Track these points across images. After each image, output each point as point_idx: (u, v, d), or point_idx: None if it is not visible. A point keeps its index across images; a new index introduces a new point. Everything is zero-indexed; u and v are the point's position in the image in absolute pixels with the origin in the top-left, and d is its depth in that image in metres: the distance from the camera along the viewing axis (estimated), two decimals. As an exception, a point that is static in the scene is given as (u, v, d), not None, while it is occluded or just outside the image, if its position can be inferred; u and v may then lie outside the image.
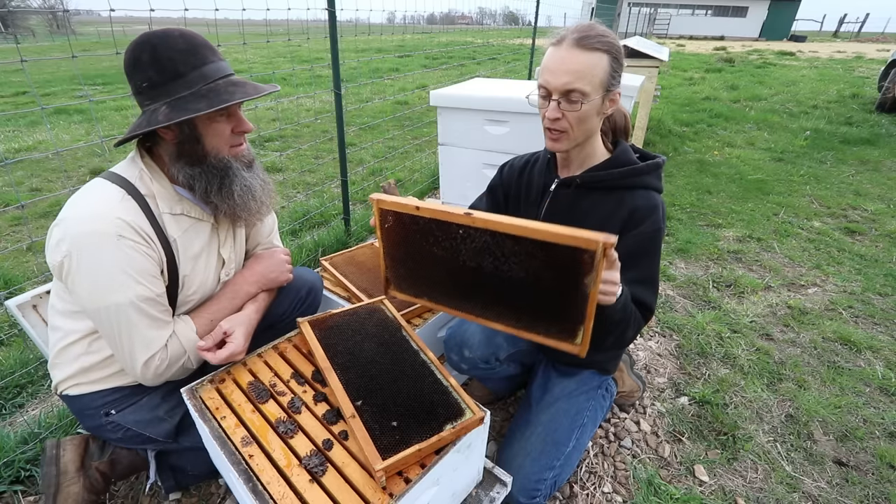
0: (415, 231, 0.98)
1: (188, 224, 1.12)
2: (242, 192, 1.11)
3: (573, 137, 1.09)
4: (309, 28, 3.14)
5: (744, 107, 7.15)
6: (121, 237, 0.97)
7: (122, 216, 0.98)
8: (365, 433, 0.88)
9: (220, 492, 1.37)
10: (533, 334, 0.91)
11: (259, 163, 1.21)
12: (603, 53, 1.01)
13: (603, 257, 0.78)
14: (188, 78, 0.98)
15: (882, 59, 13.25)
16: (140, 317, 1.01)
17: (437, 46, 12.03)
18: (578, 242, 0.79)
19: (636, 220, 1.11)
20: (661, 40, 21.86)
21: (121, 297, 0.98)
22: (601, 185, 1.16)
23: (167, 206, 1.07)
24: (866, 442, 1.59)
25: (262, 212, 1.18)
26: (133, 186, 1.03)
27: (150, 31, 0.98)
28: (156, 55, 0.96)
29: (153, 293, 1.03)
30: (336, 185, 3.74)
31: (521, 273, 0.88)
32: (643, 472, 1.47)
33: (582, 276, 0.81)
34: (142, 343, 1.03)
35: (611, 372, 1.39)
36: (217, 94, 0.99)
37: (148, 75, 0.97)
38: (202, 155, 1.05)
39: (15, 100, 7.41)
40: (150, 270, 1.02)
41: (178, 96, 0.98)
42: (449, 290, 1.01)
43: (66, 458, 1.21)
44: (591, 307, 0.82)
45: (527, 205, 1.30)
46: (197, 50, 1.00)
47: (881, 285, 2.53)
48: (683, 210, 3.48)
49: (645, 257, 1.13)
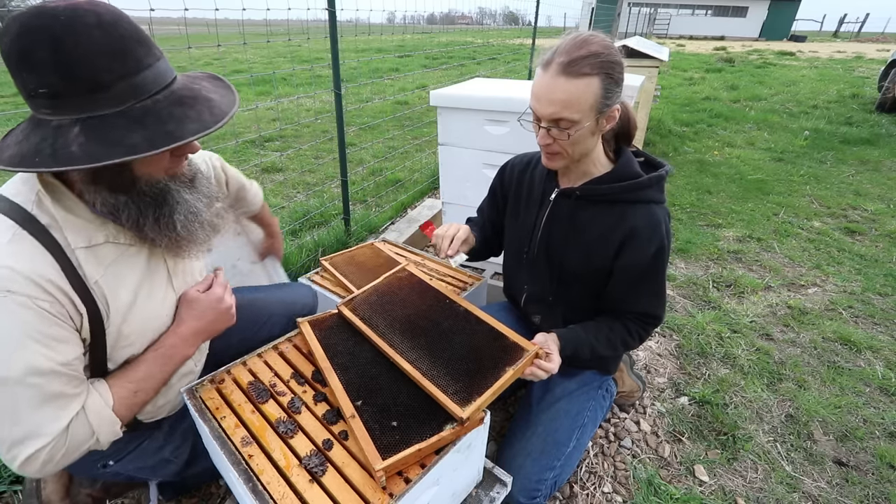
0: (417, 288, 1.23)
1: (115, 255, 0.85)
2: (187, 220, 0.87)
3: (568, 157, 1.08)
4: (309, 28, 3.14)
5: (744, 107, 7.15)
6: (8, 292, 0.70)
7: (11, 263, 0.71)
8: (365, 433, 0.88)
9: (220, 492, 1.37)
10: (433, 385, 0.96)
11: (200, 172, 0.95)
12: (593, 77, 0.94)
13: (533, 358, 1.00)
14: (114, 91, 0.69)
15: (882, 59, 13.25)
16: (29, 396, 0.74)
17: (437, 46, 12.03)
18: (520, 343, 1.03)
19: (637, 240, 1.09)
20: (661, 40, 21.86)
21: (6, 370, 0.72)
22: (602, 198, 1.14)
23: (81, 237, 0.79)
24: (866, 442, 1.59)
25: (209, 236, 0.95)
26: (29, 215, 0.75)
27: (43, 7, 0.65)
28: (60, 54, 0.65)
29: (55, 362, 0.75)
30: (336, 185, 3.74)
31: (466, 338, 1.07)
32: (643, 472, 1.47)
33: (506, 363, 0.99)
34: (32, 429, 0.75)
35: (611, 372, 1.40)
36: (159, 120, 0.72)
37: (48, 81, 0.67)
38: (129, 182, 0.79)
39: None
40: (54, 333, 0.75)
41: (97, 114, 0.69)
42: (397, 326, 1.13)
43: (49, 490, 1.10)
44: (498, 387, 0.94)
45: (527, 207, 1.30)
46: (124, 50, 0.69)
47: (881, 285, 2.53)
48: (683, 210, 3.48)
49: (649, 276, 1.13)
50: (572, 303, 1.27)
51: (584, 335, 1.16)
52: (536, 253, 1.26)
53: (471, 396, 0.92)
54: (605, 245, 1.13)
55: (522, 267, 1.32)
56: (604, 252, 1.14)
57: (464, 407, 0.90)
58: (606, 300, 1.20)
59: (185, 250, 0.92)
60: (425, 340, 1.07)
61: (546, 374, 1.03)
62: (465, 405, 0.91)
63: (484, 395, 0.92)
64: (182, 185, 0.87)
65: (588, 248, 1.16)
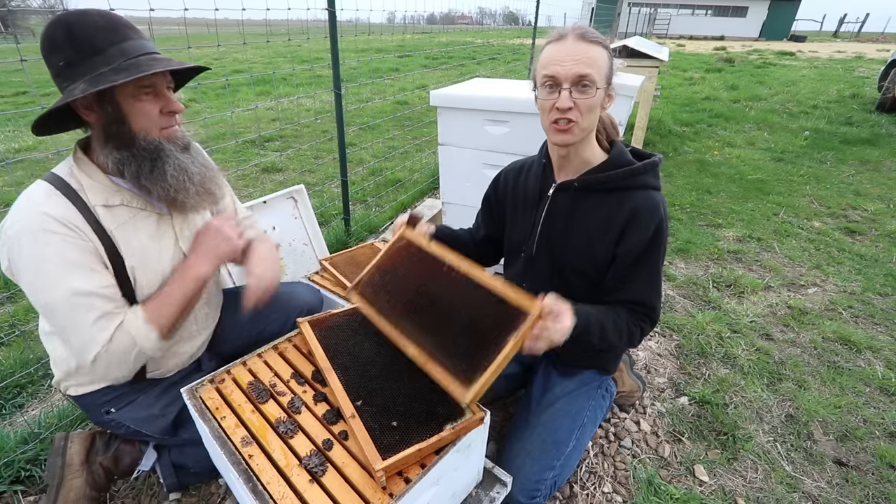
0: (416, 256, 1.18)
1: (127, 216, 1.07)
2: (176, 172, 1.04)
3: (582, 127, 1.08)
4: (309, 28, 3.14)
5: (744, 107, 7.15)
6: (46, 231, 0.95)
7: (47, 210, 0.96)
8: (365, 433, 0.88)
9: (220, 492, 1.37)
10: (437, 367, 0.98)
11: (200, 149, 1.16)
12: (603, 48, 1.06)
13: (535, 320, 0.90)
14: (107, 53, 0.94)
15: (882, 59, 13.25)
16: (75, 312, 0.97)
17: (437, 46, 12.03)
18: (521, 305, 0.94)
19: (638, 221, 1.10)
20: (661, 40, 21.86)
21: (54, 294, 0.96)
22: (600, 187, 1.15)
23: (100, 198, 1.03)
24: (866, 442, 1.59)
25: (202, 196, 1.12)
26: (62, 181, 1.01)
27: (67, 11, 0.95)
28: (72, 32, 0.93)
29: (93, 286, 0.99)
30: (336, 185, 3.74)
31: (466, 312, 1.01)
32: (643, 472, 1.47)
33: (508, 331, 0.92)
34: (80, 338, 0.99)
35: (611, 372, 1.39)
36: (137, 67, 0.94)
37: (65, 54, 0.93)
38: (130, 137, 1.00)
39: (15, 100, 7.40)
40: (87, 262, 0.99)
41: (97, 73, 0.93)
42: (399, 308, 1.13)
43: (73, 451, 1.24)
44: (501, 360, 0.90)
45: (524, 210, 1.30)
46: (116, 27, 0.96)
47: (881, 285, 2.53)
48: (683, 210, 3.48)
49: (647, 259, 1.13)
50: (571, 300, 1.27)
51: (594, 312, 1.11)
52: (536, 250, 1.26)
53: (473, 376, 0.90)
54: (606, 233, 1.14)
55: (521, 265, 1.32)
56: (606, 240, 1.14)
57: (467, 389, 0.90)
58: (603, 290, 1.21)
59: (179, 200, 1.08)
60: (427, 318, 1.06)
61: (556, 337, 0.94)
62: (468, 387, 0.90)
63: (486, 372, 0.89)
64: (175, 147, 1.06)
65: (589, 238, 1.16)
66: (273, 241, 1.31)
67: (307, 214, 2.09)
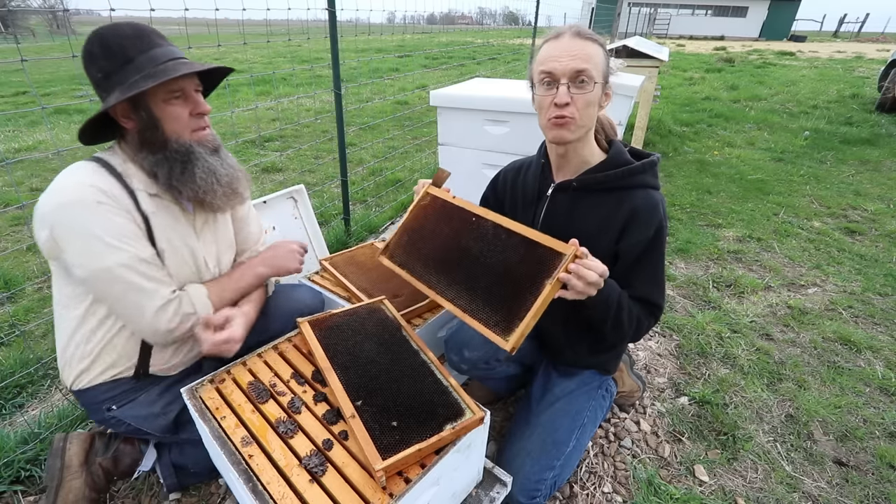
0: (442, 212, 1.20)
1: (163, 205, 1.13)
2: (205, 174, 1.10)
3: (580, 124, 1.08)
4: (309, 28, 3.14)
5: (744, 107, 7.15)
6: (100, 203, 0.99)
7: (97, 184, 1.01)
8: (365, 433, 0.88)
9: (220, 492, 1.37)
10: (476, 320, 1.01)
11: (228, 153, 1.21)
12: (599, 46, 1.07)
13: (571, 261, 0.92)
14: (137, 62, 1.00)
15: (882, 59, 13.25)
16: (136, 276, 1.03)
17: (437, 46, 12.03)
18: (556, 247, 0.96)
19: (638, 220, 1.11)
20: (661, 40, 21.87)
21: (111, 259, 1.00)
22: (599, 187, 1.15)
23: (142, 184, 1.09)
24: (866, 442, 1.59)
25: (229, 197, 1.17)
26: (108, 163, 1.06)
27: (101, 25, 1.02)
28: (105, 44, 0.99)
29: (145, 254, 1.05)
30: (336, 185, 3.74)
31: (499, 260, 1.04)
32: (643, 472, 1.47)
33: (544, 275, 0.94)
34: (146, 297, 1.05)
35: (611, 372, 1.39)
36: (165, 72, 1.00)
37: (100, 65, 1.00)
38: (163, 141, 1.06)
39: (15, 100, 7.40)
40: (136, 233, 1.05)
41: (129, 81, 0.99)
42: (432, 265, 1.16)
43: (72, 452, 1.24)
44: (539, 306, 0.92)
45: (523, 209, 1.29)
46: (144, 35, 1.02)
47: (881, 285, 2.53)
48: (683, 210, 3.48)
49: (649, 257, 1.13)
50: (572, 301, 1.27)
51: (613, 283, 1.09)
52: None
53: (512, 324, 0.93)
54: (606, 232, 1.14)
55: None
56: (605, 239, 1.14)
57: (506, 337, 0.93)
58: None
59: (206, 201, 1.14)
60: (460, 273, 1.09)
61: (593, 279, 0.93)
62: (508, 335, 0.93)
63: (525, 319, 0.92)
64: (205, 150, 1.12)
65: (589, 238, 1.16)
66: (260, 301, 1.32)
67: (307, 214, 2.09)
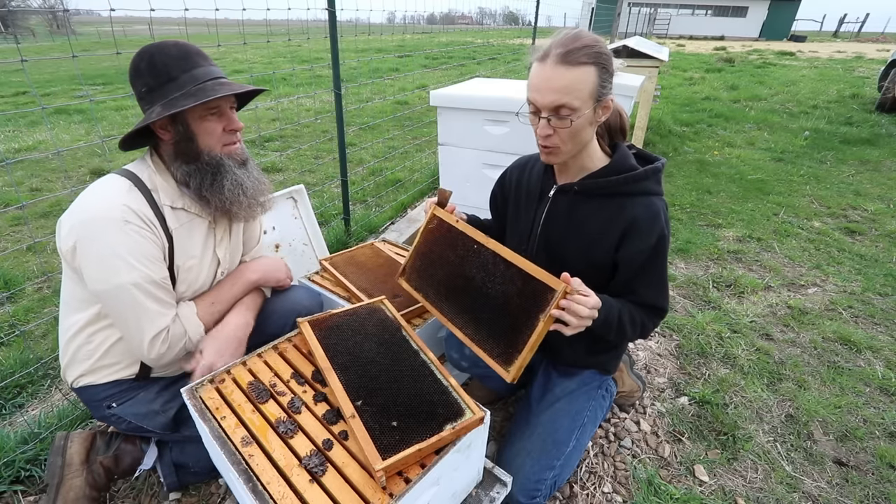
0: (448, 237, 1.24)
1: (186, 219, 1.19)
2: (233, 186, 1.17)
3: (566, 151, 1.09)
4: (309, 28, 3.14)
5: (744, 107, 7.15)
6: (127, 222, 1.05)
7: (129, 204, 1.07)
8: (365, 433, 0.88)
9: (220, 492, 1.37)
10: (481, 349, 1.09)
11: (255, 163, 1.27)
12: (589, 66, 0.99)
13: (562, 297, 0.95)
14: (180, 80, 1.07)
15: (882, 59, 13.25)
16: (145, 297, 1.08)
17: (437, 46, 12.02)
18: (548, 281, 0.98)
19: (638, 229, 1.10)
20: (661, 40, 21.86)
21: (127, 278, 1.05)
22: (600, 191, 1.15)
23: (169, 199, 1.15)
24: (866, 442, 1.59)
25: (253, 207, 1.25)
26: (140, 180, 1.13)
27: (149, 44, 1.09)
28: (152, 62, 1.07)
29: (158, 276, 1.11)
30: (336, 185, 3.74)
31: (499, 292, 1.08)
32: (643, 472, 1.47)
33: (538, 310, 0.98)
34: (148, 321, 1.10)
35: (611, 372, 1.39)
36: (204, 91, 1.07)
37: (145, 81, 1.08)
38: (196, 153, 1.13)
39: (15, 100, 7.41)
40: (155, 255, 1.10)
41: (171, 98, 1.06)
42: (443, 291, 1.22)
43: (73, 450, 1.25)
44: (534, 340, 0.98)
45: (526, 207, 1.29)
46: (188, 56, 1.10)
47: (881, 285, 2.53)
48: (683, 210, 3.48)
49: (652, 265, 1.13)
50: None
51: (612, 300, 1.10)
52: (536, 250, 1.26)
53: (511, 357, 1.01)
54: (605, 238, 1.14)
55: None
56: (604, 245, 1.14)
57: (507, 368, 1.01)
58: (610, 294, 1.20)
59: (232, 211, 1.21)
60: (467, 301, 1.15)
61: (585, 314, 0.95)
62: (508, 366, 1.01)
63: (522, 353, 0.99)
64: (234, 163, 1.19)
65: (588, 242, 1.16)
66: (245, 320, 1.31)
67: (307, 214, 2.09)
